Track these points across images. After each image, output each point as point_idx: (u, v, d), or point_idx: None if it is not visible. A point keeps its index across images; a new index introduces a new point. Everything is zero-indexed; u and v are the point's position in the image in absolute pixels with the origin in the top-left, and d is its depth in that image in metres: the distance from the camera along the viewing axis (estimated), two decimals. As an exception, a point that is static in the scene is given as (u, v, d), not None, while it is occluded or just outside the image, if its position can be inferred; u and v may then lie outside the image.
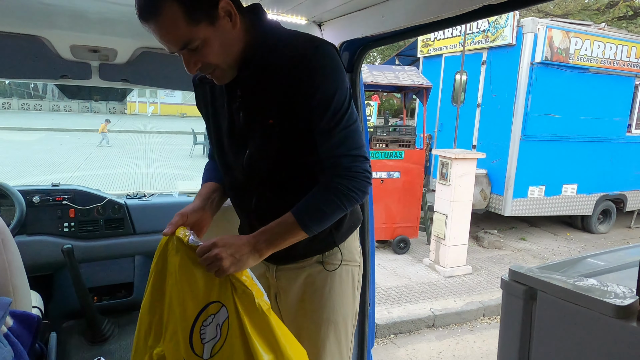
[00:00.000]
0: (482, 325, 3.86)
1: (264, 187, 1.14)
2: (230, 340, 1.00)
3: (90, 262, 2.22)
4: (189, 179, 9.62)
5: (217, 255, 0.96)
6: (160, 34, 0.94)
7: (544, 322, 1.41)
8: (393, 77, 5.32)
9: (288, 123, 1.04)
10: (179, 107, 30.04)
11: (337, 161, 1.03)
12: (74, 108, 29.40)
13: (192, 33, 0.93)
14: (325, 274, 1.21)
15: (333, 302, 1.21)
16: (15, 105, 27.65)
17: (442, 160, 4.68)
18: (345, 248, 1.23)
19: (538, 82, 5.65)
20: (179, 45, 0.95)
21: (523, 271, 1.48)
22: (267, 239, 1.03)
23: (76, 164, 10.82)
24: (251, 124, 1.09)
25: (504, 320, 1.56)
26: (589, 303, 1.27)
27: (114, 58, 1.79)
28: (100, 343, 2.15)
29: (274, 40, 1.04)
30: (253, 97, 1.07)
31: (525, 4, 0.96)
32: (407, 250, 5.28)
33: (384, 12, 1.27)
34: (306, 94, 1.00)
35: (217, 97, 1.17)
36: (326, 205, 1.03)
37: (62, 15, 1.53)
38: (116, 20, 1.61)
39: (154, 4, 0.90)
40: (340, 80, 1.02)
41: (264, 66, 1.03)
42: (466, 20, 1.10)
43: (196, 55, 0.97)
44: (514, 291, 1.50)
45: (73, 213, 2.17)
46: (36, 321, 1.30)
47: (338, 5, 1.37)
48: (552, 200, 6.14)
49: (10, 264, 1.29)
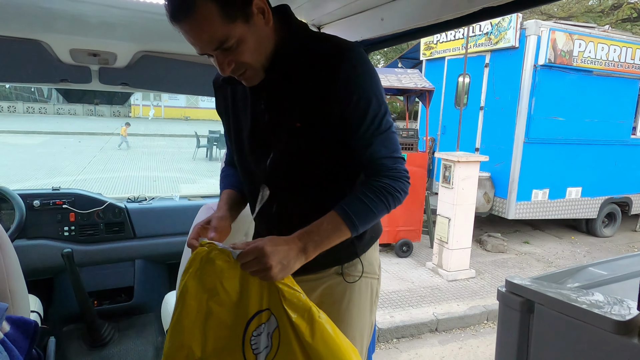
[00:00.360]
0: (486, 330, 3.83)
1: (286, 192, 1.10)
2: (284, 348, 0.94)
3: (90, 266, 2.21)
4: (192, 182, 9.63)
5: (266, 263, 0.90)
6: (195, 34, 0.90)
7: (541, 335, 1.36)
8: (396, 80, 5.31)
9: (316, 126, 1.02)
10: (183, 110, 30.18)
11: (380, 163, 1.02)
12: (78, 111, 29.60)
13: (228, 31, 0.89)
14: (345, 285, 1.16)
15: (351, 316, 1.17)
16: (20, 109, 27.86)
17: (445, 163, 4.65)
18: (365, 259, 1.18)
19: (541, 84, 5.62)
20: (214, 45, 0.91)
21: (520, 282, 1.43)
22: (314, 240, 0.97)
23: (80, 167, 10.87)
24: (276, 126, 1.06)
25: (500, 333, 1.52)
26: (588, 317, 1.21)
27: (113, 62, 1.79)
28: (100, 347, 2.14)
29: (304, 41, 1.01)
30: (280, 99, 1.04)
31: (524, 6, 0.95)
32: (409, 254, 5.25)
33: (383, 15, 1.26)
34: (343, 100, 0.97)
35: (239, 99, 1.13)
36: (374, 205, 1.00)
37: (62, 19, 1.53)
38: (116, 24, 1.60)
39: (188, 2, 0.86)
40: (376, 83, 1.01)
41: (293, 68, 1.00)
42: (466, 22, 1.08)
43: (230, 54, 0.93)
44: (510, 303, 1.45)
45: (73, 217, 2.16)
46: (33, 326, 1.29)
47: (337, 8, 1.37)
48: (556, 204, 6.10)
49: (7, 269, 1.29)
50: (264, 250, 0.90)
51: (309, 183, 1.09)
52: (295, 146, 1.05)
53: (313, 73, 0.98)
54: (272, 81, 1.02)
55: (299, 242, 0.96)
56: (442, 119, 7.10)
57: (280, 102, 1.04)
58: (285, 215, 1.13)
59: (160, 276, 2.40)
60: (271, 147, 1.08)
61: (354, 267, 1.17)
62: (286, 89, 1.02)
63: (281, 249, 0.92)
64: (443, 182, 4.69)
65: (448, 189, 4.62)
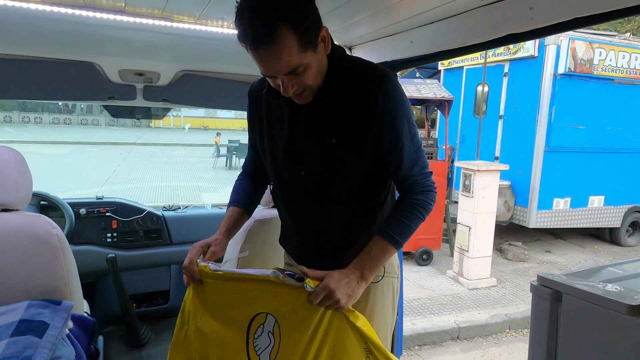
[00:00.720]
0: (508, 339, 3.83)
1: (320, 201, 1.21)
2: (287, 339, 1.09)
3: (129, 271, 2.34)
4: (212, 191, 9.83)
5: (335, 298, 1.03)
6: (273, 61, 0.96)
7: (569, 321, 1.64)
8: (415, 90, 5.39)
9: (351, 144, 1.12)
10: (202, 120, 30.73)
11: (413, 180, 1.16)
12: (100, 122, 30.44)
13: (301, 60, 0.97)
14: (369, 287, 1.23)
15: (374, 315, 1.26)
16: (46, 120, 28.83)
17: (465, 172, 4.69)
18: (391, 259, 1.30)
19: (561, 93, 5.62)
20: (287, 71, 0.98)
21: (550, 277, 1.72)
22: (368, 266, 1.11)
23: (105, 176, 11.20)
24: (313, 141, 1.14)
25: (533, 321, 1.78)
26: (606, 303, 1.48)
27: (157, 80, 1.93)
28: (138, 348, 2.26)
29: (347, 66, 1.11)
30: (318, 115, 1.13)
31: (544, 33, 1.03)
32: (430, 262, 5.28)
33: (412, 38, 1.36)
34: (380, 122, 1.08)
35: (274, 111, 1.21)
36: (411, 221, 1.14)
37: (113, 43, 1.68)
38: (160, 47, 1.75)
39: (272, 32, 0.91)
40: (408, 107, 1.13)
41: (339, 90, 1.10)
42: (490, 47, 1.17)
43: (296, 78, 1.01)
44: (542, 294, 1.73)
45: (115, 224, 2.30)
46: (92, 324, 1.42)
47: (368, 32, 1.47)
48: (578, 212, 6.04)
49: (68, 272, 1.41)
50: (330, 288, 1.04)
51: (340, 194, 1.19)
52: (329, 160, 1.15)
53: (353, 95, 1.08)
54: (315, 100, 1.11)
55: (356, 271, 1.10)
56: (460, 128, 7.13)
57: (318, 118, 1.13)
58: (317, 222, 1.24)
59: (193, 281, 2.52)
60: (305, 159, 1.18)
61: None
62: (326, 106, 1.12)
63: (344, 283, 1.06)
64: (463, 191, 4.73)
65: (468, 197, 4.65)
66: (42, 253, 1.35)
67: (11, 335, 1.08)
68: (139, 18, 1.33)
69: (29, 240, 1.34)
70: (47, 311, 1.21)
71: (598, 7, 0.87)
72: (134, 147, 18.46)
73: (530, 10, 1.01)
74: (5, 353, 1.01)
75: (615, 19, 0.89)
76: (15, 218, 1.37)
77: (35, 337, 1.08)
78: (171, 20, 1.37)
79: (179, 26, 1.43)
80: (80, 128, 27.25)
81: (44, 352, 1.05)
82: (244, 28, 0.95)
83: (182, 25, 1.43)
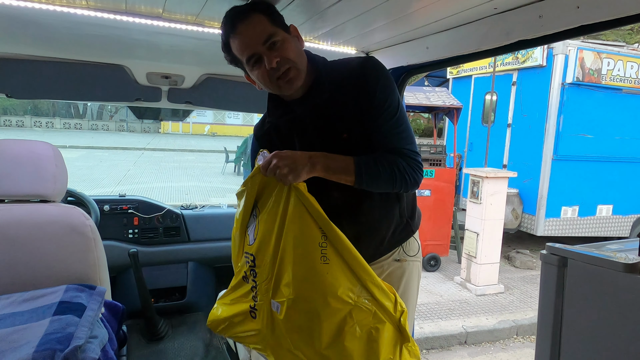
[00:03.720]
0: (516, 345, 3.86)
1: (344, 198, 1.26)
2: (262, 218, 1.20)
3: (149, 266, 2.43)
4: (222, 196, 9.93)
5: (276, 164, 1.10)
6: (249, 33, 1.12)
7: (573, 282, 1.93)
8: (424, 97, 5.47)
9: (358, 132, 1.21)
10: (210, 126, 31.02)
11: (402, 151, 1.20)
12: (111, 127, 30.87)
13: (274, 30, 1.13)
14: (402, 270, 1.34)
15: (406, 298, 1.34)
16: (57, 124, 29.31)
17: (474, 179, 4.74)
18: (416, 239, 1.39)
19: (570, 102, 5.67)
20: (263, 38, 1.12)
21: (557, 245, 2.03)
22: (324, 160, 1.14)
23: (116, 179, 11.36)
24: (325, 142, 1.22)
25: (542, 285, 2.08)
26: (605, 263, 1.76)
27: (181, 83, 2.03)
28: (156, 341, 2.33)
29: (332, 66, 1.24)
30: (324, 119, 1.23)
31: (554, 39, 1.11)
32: (437, 268, 5.32)
33: (428, 44, 1.44)
34: (373, 100, 1.17)
35: (286, 136, 1.30)
36: (384, 169, 1.16)
37: (142, 47, 1.78)
38: (186, 51, 1.84)
39: (245, 12, 1.13)
40: (394, 85, 1.23)
41: (330, 86, 1.20)
42: (503, 51, 1.25)
43: (276, 51, 1.13)
44: (550, 260, 2.02)
45: (137, 221, 2.40)
46: (121, 310, 1.50)
47: (385, 39, 1.55)
48: (587, 221, 6.05)
49: (99, 260, 1.50)
50: (273, 157, 1.11)
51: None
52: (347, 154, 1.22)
53: (346, 86, 1.19)
54: (314, 105, 1.21)
55: (312, 155, 1.14)
56: (469, 136, 7.19)
57: (324, 119, 1.23)
58: (339, 217, 1.28)
59: (209, 278, 2.60)
60: None
61: (410, 247, 1.36)
62: (327, 108, 1.22)
63: (288, 155, 1.12)
64: (471, 197, 4.78)
65: (476, 204, 4.70)
66: (76, 242, 1.44)
67: (53, 314, 1.16)
68: (173, 23, 1.42)
69: (65, 230, 1.43)
70: (83, 294, 1.29)
71: (603, 15, 0.95)
72: (143, 152, 18.68)
73: (540, 18, 1.09)
74: (49, 329, 1.09)
75: (620, 27, 0.97)
76: (52, 209, 1.46)
77: (75, 317, 1.17)
78: (202, 25, 1.46)
79: (207, 31, 1.52)
80: (91, 133, 27.65)
81: (84, 330, 1.13)
82: (224, 22, 1.16)
83: (210, 30, 1.52)
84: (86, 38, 1.60)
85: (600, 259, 1.79)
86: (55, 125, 29.17)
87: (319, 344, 1.09)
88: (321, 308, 1.08)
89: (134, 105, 2.17)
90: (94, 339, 1.15)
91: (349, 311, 1.08)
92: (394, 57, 1.61)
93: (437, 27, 1.37)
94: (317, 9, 1.30)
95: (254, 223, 1.23)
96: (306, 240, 1.11)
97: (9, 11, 1.30)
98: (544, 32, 1.10)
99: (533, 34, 1.12)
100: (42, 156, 1.47)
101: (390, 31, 1.47)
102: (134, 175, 12.36)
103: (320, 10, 1.31)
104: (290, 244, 1.11)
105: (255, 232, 1.21)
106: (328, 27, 1.47)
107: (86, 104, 27.72)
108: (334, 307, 1.07)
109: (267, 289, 1.15)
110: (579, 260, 1.89)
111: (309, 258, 1.10)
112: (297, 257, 1.11)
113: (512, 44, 1.19)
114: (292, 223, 1.12)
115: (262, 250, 1.17)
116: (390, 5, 1.21)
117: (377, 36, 1.54)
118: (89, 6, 1.29)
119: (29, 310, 1.18)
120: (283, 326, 1.12)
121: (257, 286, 1.19)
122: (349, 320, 1.08)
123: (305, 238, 1.11)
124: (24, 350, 1.00)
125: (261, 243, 1.18)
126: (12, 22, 1.42)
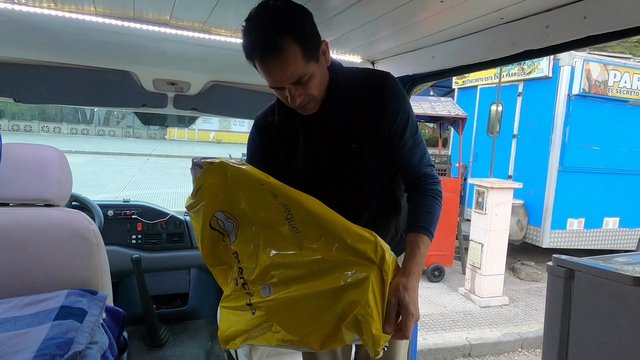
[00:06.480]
0: (520, 358, 3.80)
1: (351, 205, 1.25)
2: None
3: (151, 272, 2.42)
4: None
5: (415, 317, 1.03)
6: (280, 71, 1.04)
7: (580, 294, 1.92)
8: (429, 107, 5.47)
9: (368, 145, 1.21)
10: (215, 133, 31.18)
11: (424, 171, 1.23)
12: (117, 133, 31.11)
13: (306, 69, 1.06)
14: None
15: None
16: (65, 130, 29.55)
17: (478, 189, 4.72)
18: None
19: (576, 113, 5.65)
20: (293, 80, 1.06)
21: (564, 257, 2.03)
22: (418, 265, 1.12)
23: (121, 185, 11.41)
24: (333, 152, 1.23)
25: (549, 297, 2.08)
26: (613, 276, 1.75)
27: (187, 90, 2.04)
28: (157, 348, 2.32)
29: (347, 75, 1.22)
30: (332, 126, 1.22)
31: (560, 49, 1.11)
32: (441, 279, 5.27)
33: (434, 54, 1.44)
34: (390, 118, 1.18)
35: (289, 136, 1.28)
36: (435, 210, 1.20)
37: (149, 53, 1.80)
38: (192, 58, 1.86)
39: (277, 43, 1.00)
40: (409, 103, 1.23)
41: (346, 98, 1.19)
42: (509, 61, 1.25)
43: (301, 88, 1.10)
44: (557, 272, 2.01)
45: (140, 226, 2.40)
46: (122, 316, 1.49)
47: (391, 48, 1.56)
48: (593, 234, 5.99)
49: (101, 265, 1.49)
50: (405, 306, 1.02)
51: (369, 197, 1.29)
52: (354, 166, 1.24)
53: (362, 99, 1.19)
54: (326, 112, 1.20)
55: (411, 273, 1.08)
56: (474, 146, 7.17)
57: (333, 128, 1.23)
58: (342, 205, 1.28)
59: (211, 285, 2.59)
60: (329, 171, 1.27)
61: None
62: (338, 116, 1.21)
63: (413, 295, 1.05)
64: (476, 208, 4.75)
65: (481, 214, 4.67)
66: (79, 247, 1.43)
67: (54, 319, 1.15)
68: (180, 30, 1.43)
69: (69, 234, 1.43)
70: (85, 300, 1.29)
71: (610, 26, 0.95)
72: (149, 158, 18.78)
73: (546, 28, 1.09)
74: (50, 334, 1.09)
75: (627, 37, 0.96)
76: (56, 213, 1.46)
77: (76, 322, 1.16)
78: (209, 32, 1.47)
79: (214, 38, 1.53)
80: (98, 138, 27.86)
81: (84, 336, 1.12)
82: (251, 44, 1.04)
83: (216, 37, 1.53)
84: (94, 44, 1.61)
85: (608, 271, 1.78)
86: (63, 131, 29.41)
87: (316, 303, 1.08)
88: (308, 278, 1.08)
89: (140, 111, 2.18)
90: (94, 345, 1.14)
91: (332, 267, 1.07)
92: (399, 66, 1.61)
93: (443, 37, 1.37)
94: (323, 17, 1.31)
95: (233, 225, 1.21)
96: (272, 218, 1.11)
97: (18, 17, 1.32)
98: (550, 43, 1.10)
99: (539, 44, 1.12)
100: (47, 160, 1.48)
101: (396, 40, 1.48)
102: (139, 181, 12.41)
103: (326, 19, 1.32)
104: (260, 227, 1.13)
105: (236, 231, 1.20)
106: (334, 36, 1.47)
107: (93, 109, 27.99)
108: (317, 269, 1.07)
109: (254, 280, 1.15)
110: (586, 272, 1.89)
111: (280, 235, 1.10)
112: (268, 237, 1.12)
113: (518, 54, 1.18)
114: (256, 209, 1.13)
115: (243, 245, 1.18)
116: (396, 14, 1.21)
117: (383, 45, 1.55)
118: (97, 12, 1.31)
119: (29, 315, 1.18)
120: (282, 303, 1.12)
121: (246, 282, 1.19)
122: (337, 275, 1.06)
123: (271, 216, 1.11)
124: (24, 354, 1.00)
125: (240, 240, 1.18)
126: (20, 27, 1.43)
